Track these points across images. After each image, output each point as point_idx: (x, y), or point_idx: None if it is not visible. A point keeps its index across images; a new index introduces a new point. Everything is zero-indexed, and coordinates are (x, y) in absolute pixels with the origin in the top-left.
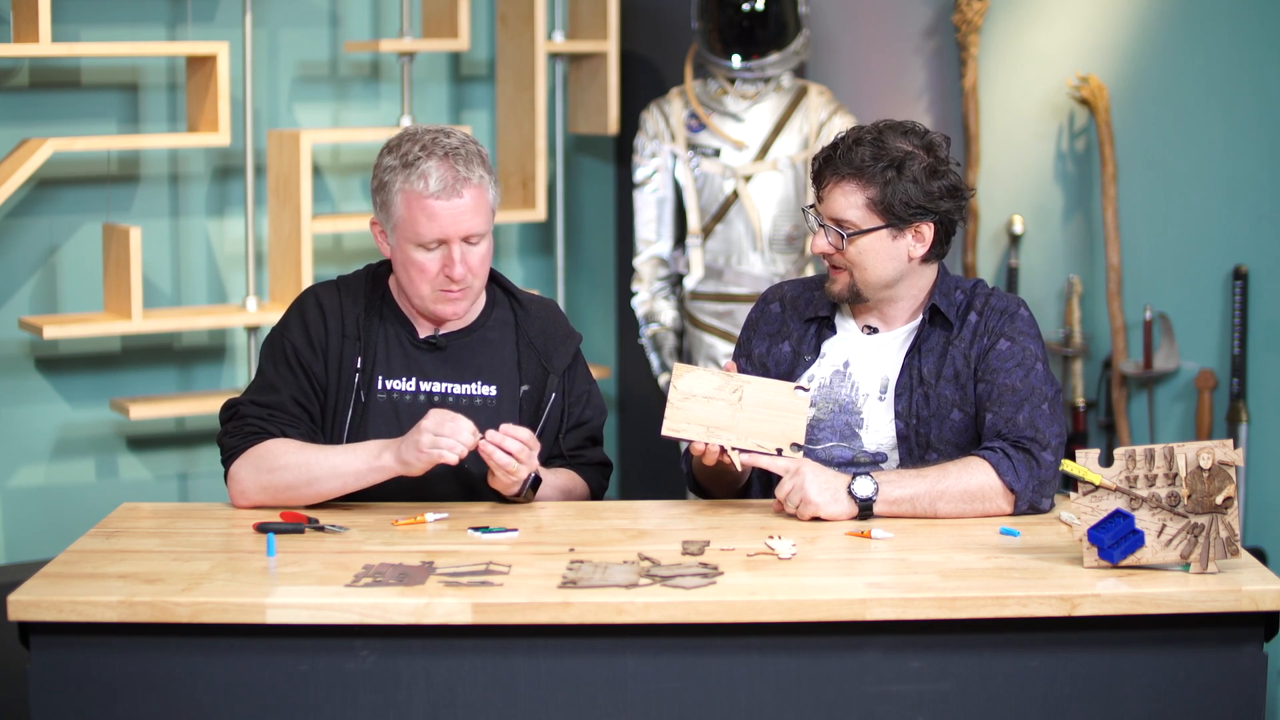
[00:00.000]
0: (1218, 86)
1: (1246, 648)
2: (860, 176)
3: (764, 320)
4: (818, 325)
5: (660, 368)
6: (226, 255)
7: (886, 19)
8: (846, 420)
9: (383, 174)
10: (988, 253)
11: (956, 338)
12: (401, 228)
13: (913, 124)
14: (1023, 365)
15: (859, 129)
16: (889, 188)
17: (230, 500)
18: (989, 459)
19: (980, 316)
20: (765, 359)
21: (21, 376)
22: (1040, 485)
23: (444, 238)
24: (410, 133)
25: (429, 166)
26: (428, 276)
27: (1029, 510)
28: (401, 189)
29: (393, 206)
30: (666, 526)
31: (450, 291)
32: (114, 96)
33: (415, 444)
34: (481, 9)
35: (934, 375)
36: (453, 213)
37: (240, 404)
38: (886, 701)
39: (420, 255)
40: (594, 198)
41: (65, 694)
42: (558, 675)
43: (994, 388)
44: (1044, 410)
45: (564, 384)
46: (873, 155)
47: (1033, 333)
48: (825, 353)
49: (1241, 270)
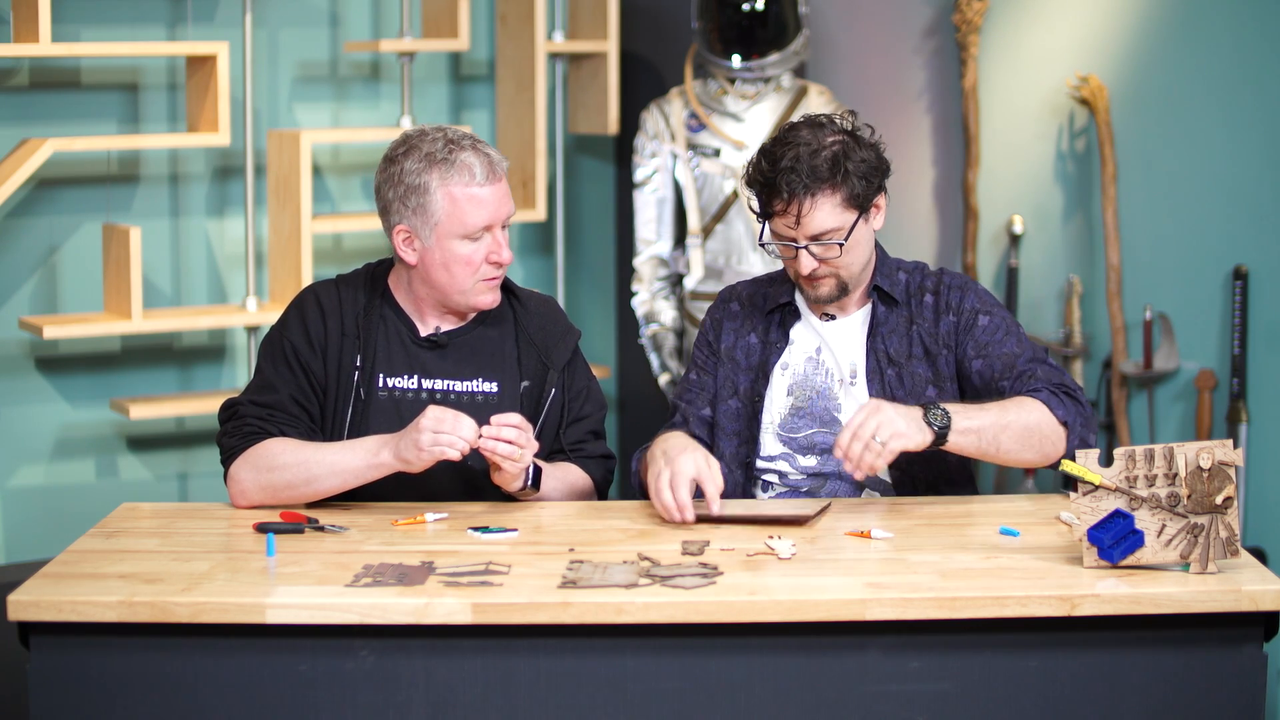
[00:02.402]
0: (1218, 86)
1: (1246, 648)
2: (829, 182)
3: (726, 318)
4: (781, 314)
5: (660, 368)
6: (226, 255)
7: (886, 19)
8: (825, 406)
9: (410, 178)
10: (988, 253)
11: (918, 317)
12: (446, 223)
13: (815, 118)
14: (1011, 333)
15: (778, 148)
16: (849, 180)
17: (230, 500)
18: (1039, 397)
19: (937, 295)
20: (734, 351)
21: (21, 376)
22: (1086, 421)
23: (491, 223)
24: (418, 134)
25: (467, 158)
26: (473, 267)
27: (1080, 445)
28: (442, 186)
29: (432, 206)
30: (666, 526)
31: (494, 279)
32: (114, 96)
33: (415, 442)
34: (481, 9)
35: (903, 355)
36: (497, 197)
37: (239, 404)
38: (886, 701)
39: (466, 248)
40: (594, 198)
41: (65, 694)
42: (557, 675)
43: (995, 360)
44: (1052, 365)
45: (564, 379)
46: (824, 160)
47: (998, 302)
48: (794, 340)
49: (1241, 270)
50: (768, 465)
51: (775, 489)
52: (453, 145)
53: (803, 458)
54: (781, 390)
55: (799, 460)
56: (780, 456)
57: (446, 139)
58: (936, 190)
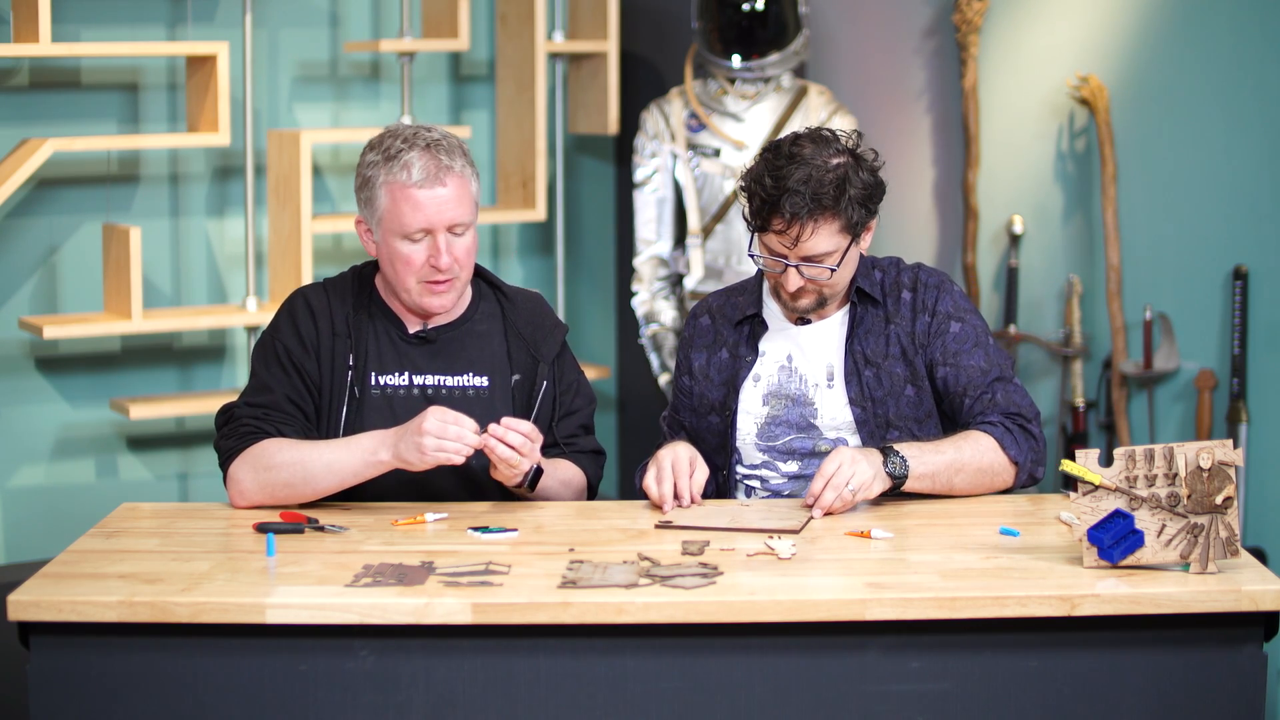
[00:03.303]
0: (1218, 86)
1: (1246, 648)
2: (833, 209)
3: (697, 334)
4: (750, 325)
5: (660, 368)
6: (226, 255)
7: (886, 19)
8: (800, 412)
9: (365, 170)
10: (988, 253)
11: (895, 316)
12: (387, 220)
13: (821, 133)
14: (980, 345)
15: (785, 163)
16: (848, 208)
17: (230, 502)
18: (992, 433)
19: (914, 293)
20: (707, 370)
21: (21, 376)
22: (1038, 457)
23: (429, 227)
24: (391, 130)
25: (411, 157)
26: (414, 269)
27: (1029, 481)
28: (385, 182)
29: (377, 201)
30: (666, 527)
31: (437, 283)
32: (114, 96)
33: (417, 445)
34: (481, 9)
35: (880, 355)
36: (437, 202)
37: (234, 406)
38: (886, 701)
39: (406, 247)
40: (594, 198)
41: (65, 694)
42: (557, 675)
43: (960, 371)
44: (1015, 385)
45: (554, 372)
46: (830, 184)
47: (973, 308)
48: (764, 350)
49: (1241, 270)
50: (750, 472)
51: (759, 494)
52: (407, 143)
53: (784, 464)
54: (756, 401)
55: (780, 466)
56: (762, 465)
57: (405, 136)
58: (936, 190)
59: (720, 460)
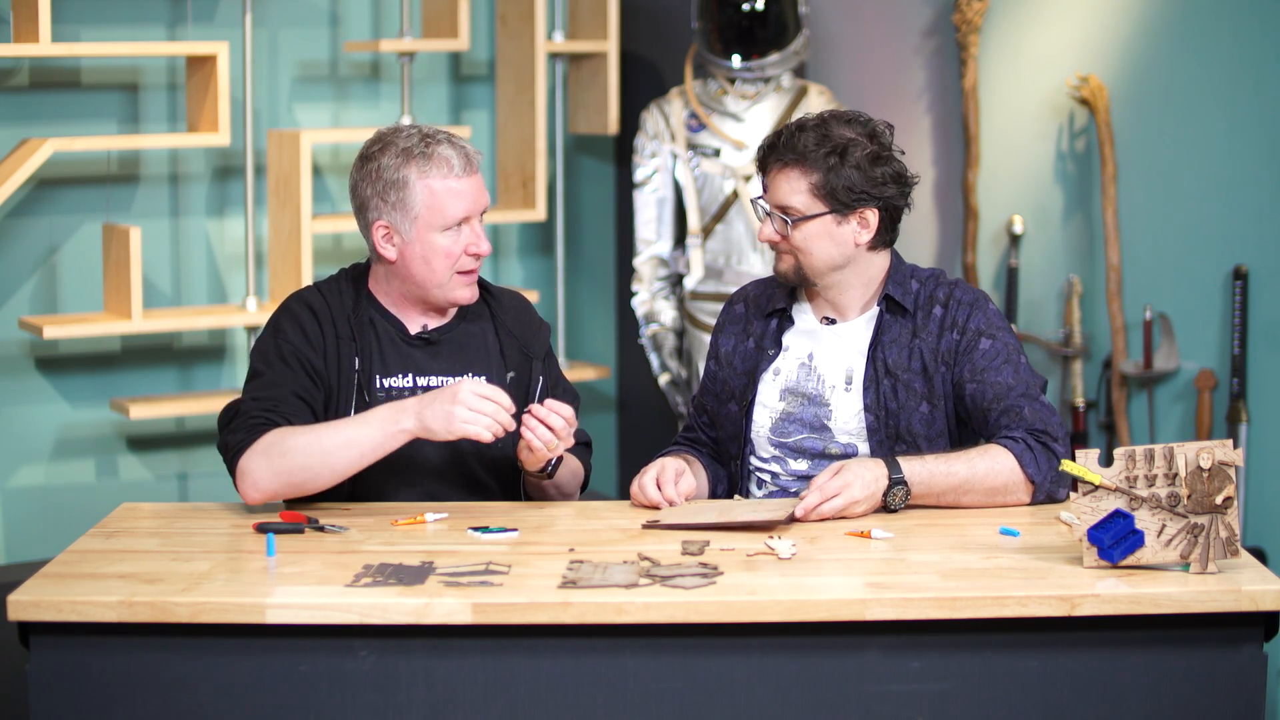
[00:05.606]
0: (1218, 86)
1: (1246, 648)
2: (803, 162)
3: (730, 321)
4: (778, 318)
5: (660, 368)
6: (226, 255)
7: (886, 19)
8: (815, 412)
9: (389, 174)
10: (988, 253)
11: (923, 330)
12: (425, 216)
13: (856, 113)
14: (1010, 361)
15: (804, 118)
16: (832, 173)
17: (242, 497)
18: (1012, 449)
19: (946, 310)
20: (732, 356)
21: (21, 376)
22: (1058, 476)
23: (469, 214)
24: (392, 131)
25: (445, 151)
26: (452, 259)
27: (1046, 500)
28: (421, 179)
29: (411, 200)
30: (667, 528)
31: (470, 271)
32: (114, 96)
33: (448, 414)
34: (481, 9)
35: (901, 367)
36: (474, 188)
37: (240, 402)
38: (886, 701)
39: (445, 239)
40: (594, 198)
41: (65, 694)
42: (558, 675)
43: (987, 386)
44: (1043, 402)
45: (545, 369)
46: (816, 141)
47: (1006, 326)
48: (787, 346)
49: (1241, 270)
50: (762, 465)
51: (768, 487)
52: (429, 139)
53: (793, 461)
54: (773, 396)
55: (790, 464)
56: (773, 459)
57: (422, 134)
58: (936, 190)
59: (735, 449)
